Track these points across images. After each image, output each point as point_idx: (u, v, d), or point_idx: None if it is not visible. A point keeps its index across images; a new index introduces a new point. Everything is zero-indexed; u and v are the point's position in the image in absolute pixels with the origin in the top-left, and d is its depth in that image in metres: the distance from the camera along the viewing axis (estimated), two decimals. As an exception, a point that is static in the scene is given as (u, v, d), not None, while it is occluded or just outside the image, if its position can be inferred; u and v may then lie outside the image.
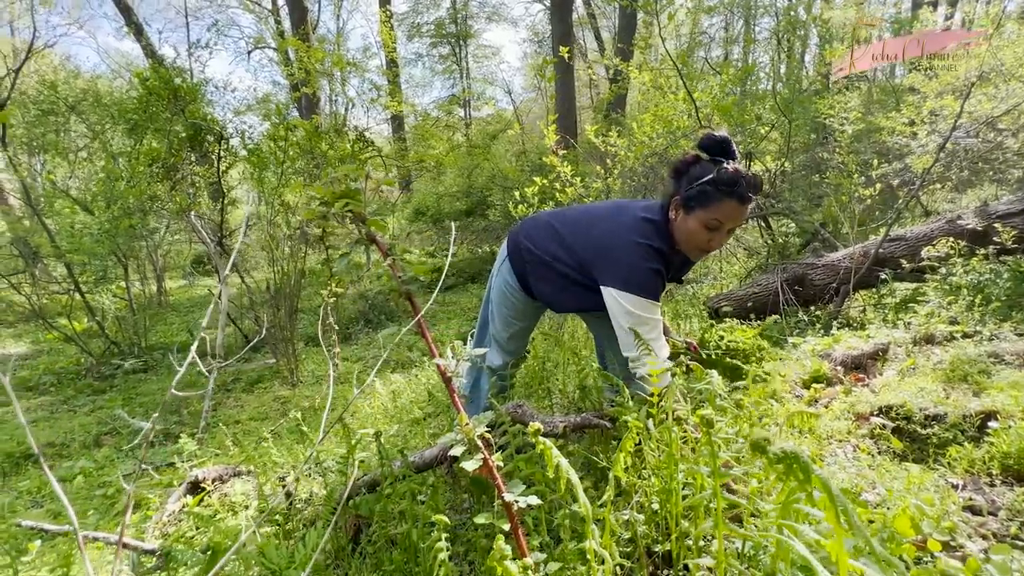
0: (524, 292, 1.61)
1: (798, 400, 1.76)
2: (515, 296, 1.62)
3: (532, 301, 1.62)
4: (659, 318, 1.30)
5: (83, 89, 4.63)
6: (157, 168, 3.17)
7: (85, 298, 4.40)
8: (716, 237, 1.23)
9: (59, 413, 3.67)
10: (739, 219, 1.22)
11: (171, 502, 1.91)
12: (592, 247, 1.38)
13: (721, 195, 1.19)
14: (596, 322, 1.74)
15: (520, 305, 1.64)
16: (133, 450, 2.97)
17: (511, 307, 1.65)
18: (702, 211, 1.21)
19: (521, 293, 1.61)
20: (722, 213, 1.20)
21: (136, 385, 4.10)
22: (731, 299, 3.02)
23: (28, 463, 2.89)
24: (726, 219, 1.21)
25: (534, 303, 1.63)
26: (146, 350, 4.66)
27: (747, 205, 1.21)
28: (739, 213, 1.20)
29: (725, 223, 1.21)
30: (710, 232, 1.23)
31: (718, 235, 1.23)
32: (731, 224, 1.23)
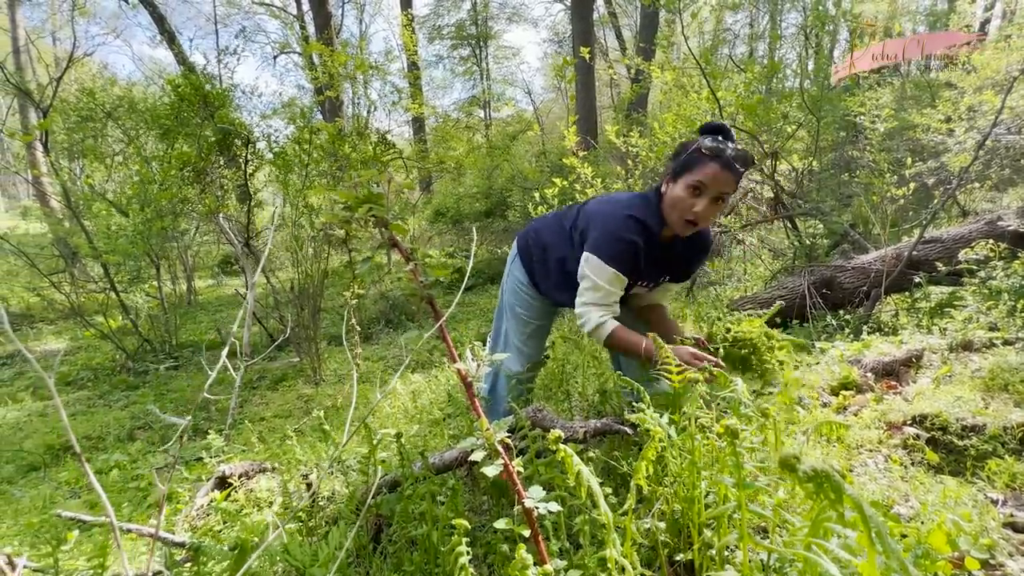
0: (535, 289, 1.62)
1: (826, 407, 1.71)
2: (527, 292, 1.64)
3: (543, 299, 1.63)
4: (612, 290, 1.31)
5: (119, 96, 4.81)
6: (188, 172, 3.29)
7: (120, 297, 4.56)
8: (700, 203, 1.24)
9: (96, 407, 3.82)
10: (723, 184, 1.22)
11: (200, 496, 1.97)
12: (588, 226, 1.40)
13: (705, 159, 1.22)
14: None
15: (534, 302, 1.65)
16: (165, 445, 3.07)
17: (525, 305, 1.66)
18: (687, 175, 1.25)
19: (532, 289, 1.63)
20: (704, 175, 1.22)
21: (167, 382, 4.24)
22: (755, 302, 2.95)
23: (67, 455, 3.01)
24: (709, 182, 1.22)
25: (545, 301, 1.64)
26: (176, 348, 4.81)
27: (732, 173, 1.22)
28: (723, 178, 1.22)
29: (709, 186, 1.22)
30: (694, 197, 1.24)
31: (702, 201, 1.23)
32: (715, 189, 1.23)
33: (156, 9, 9.18)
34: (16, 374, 4.73)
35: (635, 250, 1.30)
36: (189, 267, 7.23)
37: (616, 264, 1.29)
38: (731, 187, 1.24)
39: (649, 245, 1.32)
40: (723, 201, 1.26)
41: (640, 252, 1.31)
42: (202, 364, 4.49)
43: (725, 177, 1.22)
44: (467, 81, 19.42)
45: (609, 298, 1.32)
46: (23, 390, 4.23)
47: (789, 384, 1.72)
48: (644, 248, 1.31)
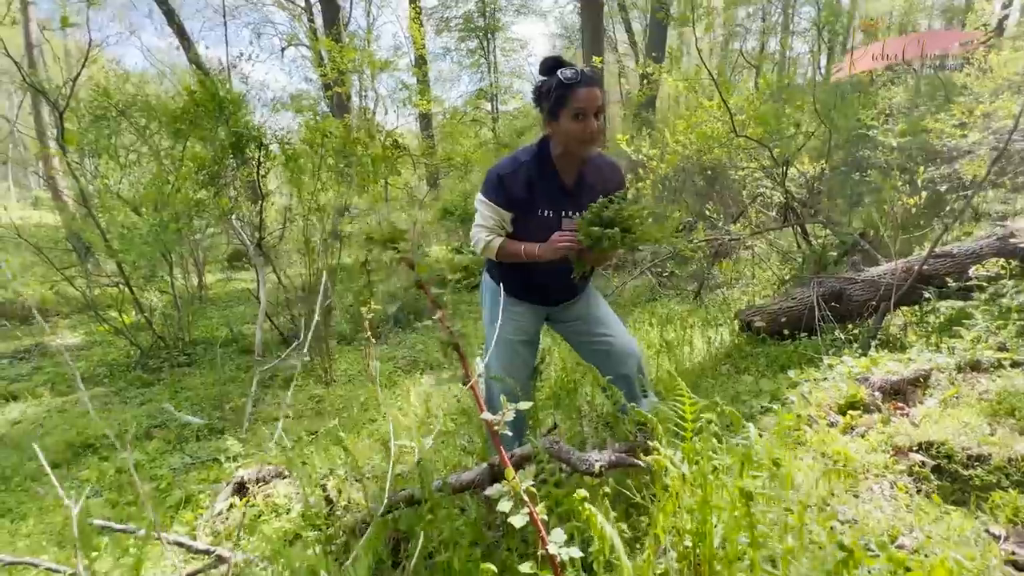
0: (502, 288, 1.73)
1: (833, 427, 1.74)
2: (497, 294, 1.73)
3: (515, 300, 1.69)
4: (490, 215, 1.55)
5: (131, 94, 4.85)
6: (202, 175, 3.33)
7: (134, 293, 4.63)
8: (588, 123, 1.43)
9: (112, 405, 3.90)
10: (595, 100, 1.43)
11: (220, 502, 2.04)
12: None
13: (572, 88, 1.42)
14: (575, 340, 1.77)
15: (507, 307, 1.72)
16: (181, 444, 3.14)
17: (498, 308, 1.71)
18: (565, 109, 1.44)
19: (501, 291, 1.73)
20: (579, 100, 1.42)
21: (181, 379, 4.31)
22: (763, 313, 2.97)
23: (87, 452, 3.09)
24: (585, 103, 1.42)
25: (517, 303, 1.69)
26: (189, 344, 4.89)
27: (596, 87, 1.44)
28: (593, 95, 1.43)
29: (587, 107, 1.42)
30: (580, 121, 1.43)
31: (589, 121, 1.43)
32: (592, 106, 1.43)
33: (166, 3, 9.19)
34: (34, 369, 4.83)
35: (501, 181, 1.53)
36: (200, 262, 7.30)
37: (486, 195, 1.55)
38: (601, 100, 1.46)
39: (533, 176, 1.53)
40: (601, 113, 1.47)
41: (511, 181, 1.52)
42: (215, 361, 4.57)
43: (594, 93, 1.43)
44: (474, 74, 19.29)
45: (490, 222, 1.56)
46: (41, 385, 4.32)
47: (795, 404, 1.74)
48: (523, 178, 1.52)
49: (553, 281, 1.63)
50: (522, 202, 1.55)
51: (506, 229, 1.59)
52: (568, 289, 1.67)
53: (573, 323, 1.71)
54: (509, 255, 1.56)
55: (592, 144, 1.48)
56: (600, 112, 1.46)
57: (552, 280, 1.63)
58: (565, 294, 1.70)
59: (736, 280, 5.38)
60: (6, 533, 2.26)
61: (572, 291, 1.70)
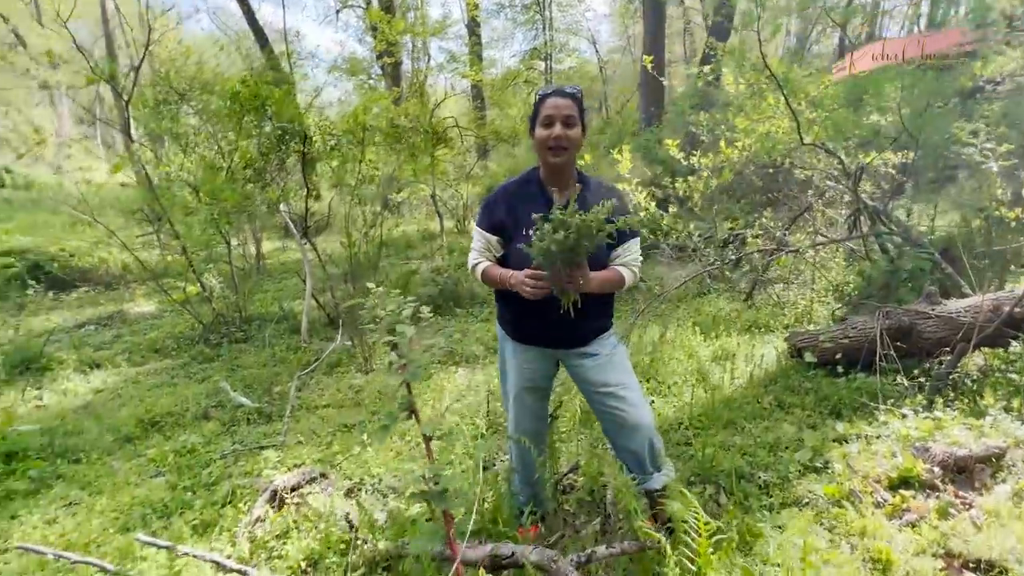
0: (504, 330, 1.73)
1: (879, 509, 1.59)
2: (502, 339, 1.73)
3: (516, 344, 1.65)
4: (480, 240, 1.58)
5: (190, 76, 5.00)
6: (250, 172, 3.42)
7: (195, 270, 4.93)
8: (553, 131, 1.46)
9: (177, 379, 4.26)
10: (564, 108, 1.46)
11: (257, 508, 2.19)
12: None
13: (542, 100, 1.50)
14: (586, 396, 1.68)
15: (508, 349, 1.70)
16: (234, 427, 3.38)
17: (504, 354, 1.72)
18: (536, 121, 1.51)
19: (503, 332, 1.73)
20: (546, 109, 1.47)
21: (238, 356, 4.62)
22: (816, 342, 2.73)
23: (154, 430, 3.40)
24: (553, 111, 1.46)
25: (519, 347, 1.65)
26: (245, 321, 5.20)
27: (567, 97, 1.48)
28: (561, 103, 1.46)
29: (554, 115, 1.46)
30: (547, 129, 1.47)
31: (554, 129, 1.46)
32: (559, 114, 1.46)
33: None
34: (115, 337, 5.33)
35: (486, 204, 1.59)
36: (257, 234, 7.68)
37: (478, 222, 1.60)
38: (572, 109, 1.47)
39: (516, 198, 1.55)
40: (574, 123, 1.47)
41: (495, 204, 1.57)
42: (267, 340, 4.86)
43: (562, 102, 1.46)
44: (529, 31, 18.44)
45: (479, 246, 1.59)
46: (120, 354, 4.78)
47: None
48: (507, 201, 1.55)
49: (545, 318, 1.52)
50: (507, 225, 1.55)
51: (493, 253, 1.59)
52: (570, 329, 1.55)
53: (583, 380, 1.63)
54: (490, 281, 1.56)
55: (558, 152, 1.48)
56: (570, 122, 1.47)
57: (544, 317, 1.52)
58: (567, 335, 1.58)
59: (795, 276, 4.98)
60: (84, 508, 2.54)
61: (576, 333, 1.58)
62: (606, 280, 1.53)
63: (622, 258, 1.60)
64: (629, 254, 1.61)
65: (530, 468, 1.71)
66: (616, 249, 1.59)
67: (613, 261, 1.60)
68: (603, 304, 1.64)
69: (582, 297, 1.46)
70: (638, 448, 1.58)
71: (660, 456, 1.64)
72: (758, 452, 2.06)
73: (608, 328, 1.68)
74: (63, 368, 4.37)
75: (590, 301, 1.54)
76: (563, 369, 1.70)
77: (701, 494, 1.70)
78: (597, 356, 1.61)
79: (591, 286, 1.44)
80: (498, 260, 1.59)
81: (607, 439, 1.67)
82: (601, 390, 1.59)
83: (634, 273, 1.62)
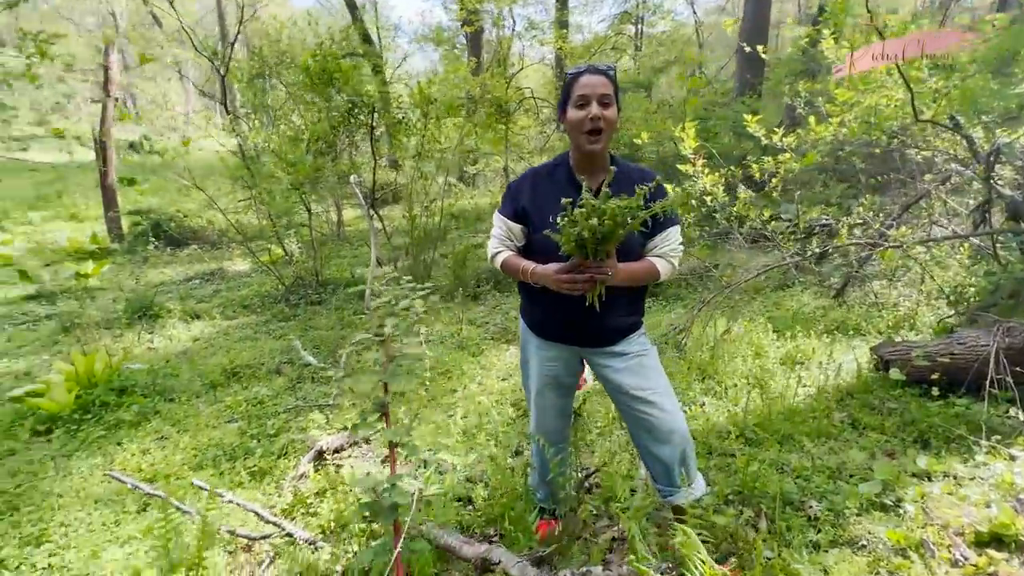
0: (526, 323, 1.64)
1: (954, 569, 1.34)
2: (524, 333, 1.65)
3: (538, 339, 1.57)
4: (502, 228, 1.50)
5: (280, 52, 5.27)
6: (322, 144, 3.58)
7: (279, 235, 5.33)
8: (589, 112, 1.34)
9: (259, 334, 4.69)
10: (599, 87, 1.35)
11: (302, 465, 2.35)
12: None
13: (574, 78, 1.39)
14: (615, 400, 1.55)
15: (531, 346, 1.61)
16: (299, 383, 3.66)
17: (526, 351, 1.63)
18: (568, 102, 1.40)
19: (525, 326, 1.64)
20: (579, 89, 1.36)
21: (312, 317, 4.98)
22: (907, 356, 2.34)
23: (234, 379, 3.79)
24: (588, 90, 1.35)
25: (542, 342, 1.57)
26: (321, 284, 5.58)
27: (601, 74, 1.37)
28: (595, 81, 1.35)
29: (588, 95, 1.35)
30: (582, 111, 1.36)
31: (589, 109, 1.35)
32: (595, 93, 1.35)
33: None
34: (214, 292, 5.98)
35: (509, 190, 1.50)
36: (339, 201, 8.13)
37: (500, 208, 1.51)
38: (608, 88, 1.36)
39: (543, 184, 1.45)
40: (610, 103, 1.36)
41: (518, 191, 1.47)
42: (338, 304, 5.19)
43: (597, 80, 1.36)
44: (621, -8, 17.30)
45: (500, 234, 1.51)
46: (216, 307, 5.36)
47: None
48: (532, 187, 1.46)
49: (570, 314, 1.42)
50: (530, 213, 1.44)
51: (515, 243, 1.50)
52: (597, 327, 1.45)
53: (611, 382, 1.52)
54: (510, 271, 1.47)
55: (595, 135, 1.36)
56: (606, 101, 1.36)
57: (569, 313, 1.42)
58: (594, 333, 1.48)
59: (900, 274, 4.32)
60: (172, 444, 2.90)
61: (603, 331, 1.48)
62: (637, 272, 1.41)
63: (659, 248, 1.46)
64: (667, 244, 1.46)
65: (547, 467, 1.65)
66: (653, 239, 1.45)
67: (649, 252, 1.47)
68: (633, 300, 1.51)
69: (610, 292, 1.37)
70: (668, 458, 1.46)
71: (692, 469, 1.50)
72: (814, 477, 1.82)
73: (639, 326, 1.55)
74: (170, 316, 4.98)
75: (619, 296, 1.43)
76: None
77: (736, 516, 1.53)
78: (626, 356, 1.49)
79: (620, 277, 1.33)
80: (521, 250, 1.50)
81: (635, 445, 1.56)
82: (631, 393, 1.48)
83: (672, 265, 1.48)
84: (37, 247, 7.63)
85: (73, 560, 1.93)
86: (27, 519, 2.20)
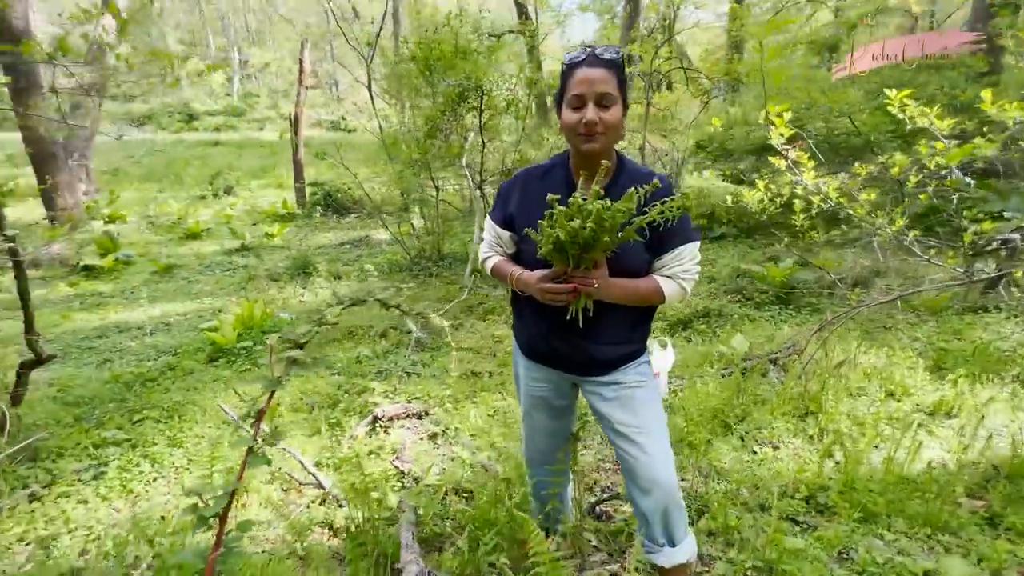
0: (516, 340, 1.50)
1: None
2: (515, 350, 1.52)
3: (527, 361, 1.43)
4: (492, 233, 1.38)
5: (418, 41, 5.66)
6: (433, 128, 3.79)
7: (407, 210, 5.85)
8: (584, 113, 1.16)
9: (382, 298, 5.29)
10: (598, 83, 1.15)
11: (359, 428, 2.62)
12: None
13: (570, 71, 1.19)
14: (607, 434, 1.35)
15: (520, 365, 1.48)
16: (398, 349, 4.05)
17: (517, 368, 1.51)
18: (564, 98, 1.21)
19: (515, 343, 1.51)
20: (575, 85, 1.17)
21: (426, 288, 5.43)
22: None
23: (349, 337, 4.34)
24: (583, 87, 1.16)
25: (532, 365, 1.42)
26: (441, 257, 6.02)
27: (601, 67, 1.16)
28: (593, 75, 1.15)
29: (584, 93, 1.16)
30: (576, 113, 1.17)
31: (584, 111, 1.16)
32: (592, 91, 1.15)
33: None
34: (357, 256, 6.89)
35: (499, 194, 1.38)
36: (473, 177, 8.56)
37: (490, 211, 1.40)
38: (609, 84, 1.15)
39: (534, 187, 1.29)
40: (610, 104, 1.16)
41: (508, 194, 1.34)
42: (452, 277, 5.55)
43: (595, 74, 1.15)
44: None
45: (490, 239, 1.40)
46: (356, 271, 6.17)
47: None
48: (523, 191, 1.31)
49: (558, 336, 1.28)
50: (517, 219, 1.30)
51: (504, 250, 1.38)
52: (586, 353, 1.28)
53: (598, 412, 1.34)
54: (498, 276, 1.37)
55: (591, 141, 1.17)
56: (606, 101, 1.16)
57: (557, 335, 1.28)
58: (583, 359, 1.30)
59: None
60: (287, 384, 3.48)
61: (594, 358, 1.29)
62: (633, 290, 1.21)
63: (669, 268, 1.24)
64: (678, 264, 1.23)
65: (539, 488, 1.56)
66: (662, 256, 1.24)
67: (657, 270, 1.25)
68: (632, 323, 1.30)
69: (606, 315, 1.22)
70: (647, 510, 1.26)
71: (676, 528, 1.28)
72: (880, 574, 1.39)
73: (638, 355, 1.34)
74: (319, 276, 5.90)
75: (616, 320, 1.26)
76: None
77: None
78: (618, 386, 1.31)
79: (610, 293, 1.16)
80: (514, 258, 1.38)
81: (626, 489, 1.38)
82: (615, 428, 1.30)
83: (681, 288, 1.25)
84: (250, 209, 9.69)
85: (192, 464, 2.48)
86: (177, 426, 2.88)
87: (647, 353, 1.37)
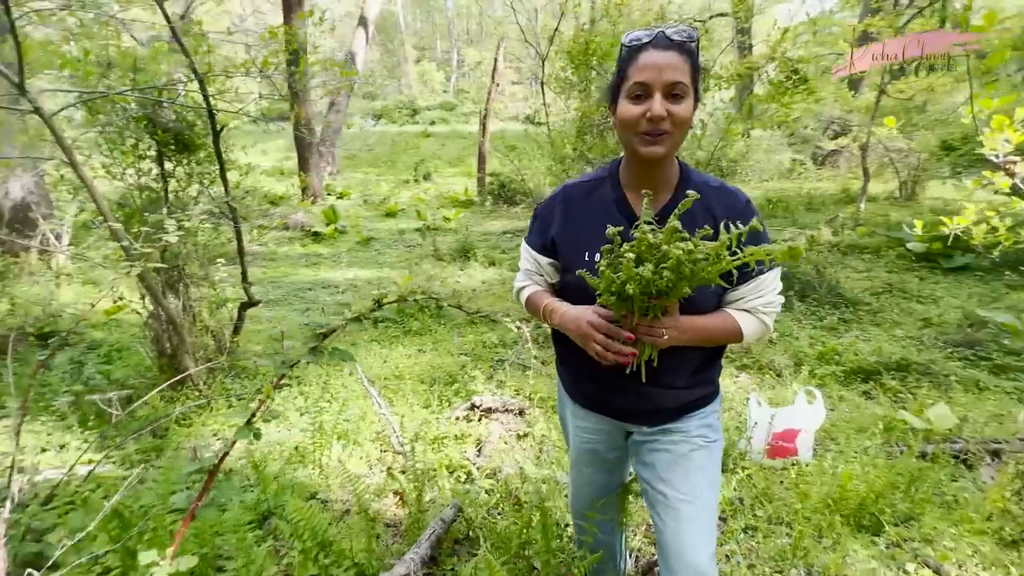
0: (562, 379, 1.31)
1: None
2: (560, 393, 1.35)
3: (575, 407, 1.25)
4: (528, 260, 1.20)
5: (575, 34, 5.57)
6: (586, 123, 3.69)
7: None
8: (648, 106, 0.94)
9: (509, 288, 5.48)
10: (667, 71, 0.93)
11: (458, 410, 2.77)
12: None
13: (632, 55, 0.97)
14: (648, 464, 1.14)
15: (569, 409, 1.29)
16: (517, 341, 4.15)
17: (563, 414, 1.34)
18: (623, 86, 0.98)
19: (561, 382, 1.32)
20: (637, 72, 0.95)
21: (567, 284, 5.42)
22: None
23: (482, 323, 4.61)
24: (649, 75, 0.94)
25: (579, 410, 1.24)
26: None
27: (673, 50, 0.94)
28: (662, 60, 0.93)
29: (651, 80, 0.94)
30: (638, 105, 0.95)
31: (648, 103, 0.94)
32: (660, 79, 0.93)
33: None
34: (515, 245, 7.21)
35: (540, 218, 1.16)
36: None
37: (527, 236, 1.21)
38: (681, 71, 0.94)
39: (579, 205, 1.10)
40: (682, 95, 0.94)
41: (547, 214, 1.14)
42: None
43: (665, 59, 0.93)
44: None
45: (528, 267, 1.22)
46: (509, 259, 6.48)
47: None
48: (564, 209, 1.11)
49: (611, 379, 1.05)
50: (561, 246, 1.11)
51: (547, 279, 1.18)
52: (646, 401, 1.07)
53: (640, 461, 1.13)
54: (533, 310, 1.18)
55: (655, 140, 0.95)
56: (678, 91, 0.93)
57: (609, 378, 1.05)
58: (641, 406, 1.08)
59: None
60: (423, 357, 3.87)
61: (655, 405, 1.07)
62: (708, 333, 1.01)
63: (747, 300, 1.02)
64: (759, 295, 1.02)
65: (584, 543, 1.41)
66: (739, 288, 1.01)
67: (733, 303, 1.04)
68: (701, 365, 1.08)
69: (671, 353, 0.99)
70: None
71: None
72: None
73: (710, 400, 1.11)
74: (477, 260, 6.38)
75: (684, 358, 1.04)
76: None
77: None
78: (677, 437, 1.09)
79: (684, 339, 0.97)
80: (555, 289, 1.19)
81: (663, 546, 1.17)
82: (653, 484, 1.10)
83: (763, 324, 1.03)
84: (439, 194, 10.97)
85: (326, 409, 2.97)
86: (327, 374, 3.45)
87: (719, 399, 1.12)
